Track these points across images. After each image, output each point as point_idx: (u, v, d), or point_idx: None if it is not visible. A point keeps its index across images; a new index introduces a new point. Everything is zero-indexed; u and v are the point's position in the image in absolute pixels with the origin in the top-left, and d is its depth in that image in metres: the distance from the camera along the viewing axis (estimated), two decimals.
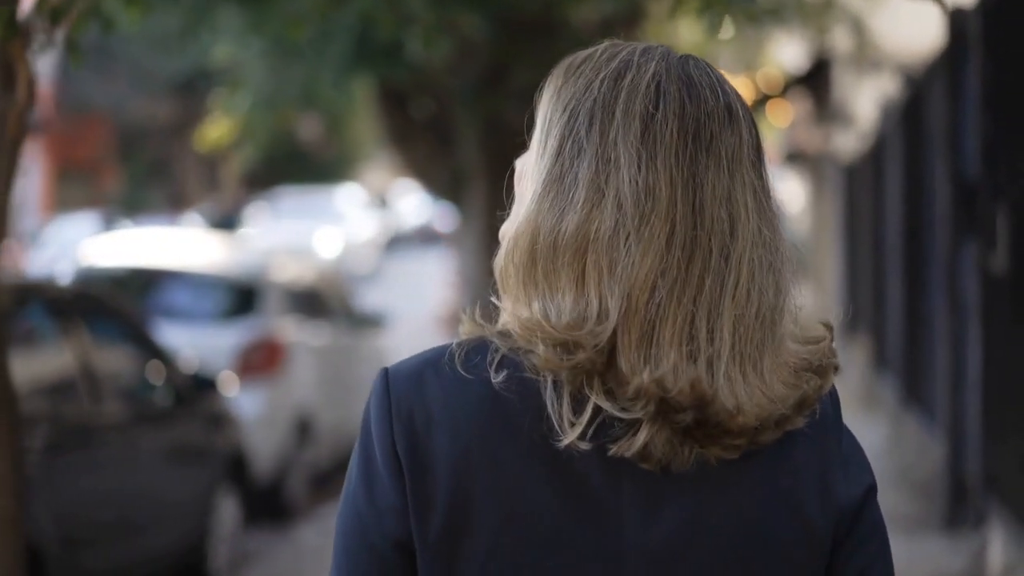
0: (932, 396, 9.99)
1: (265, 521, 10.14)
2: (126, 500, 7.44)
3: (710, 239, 1.56)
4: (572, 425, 1.54)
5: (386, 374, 1.63)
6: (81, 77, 33.07)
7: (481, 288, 12.33)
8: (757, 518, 1.59)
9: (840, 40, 18.16)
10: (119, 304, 8.44)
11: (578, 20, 12.12)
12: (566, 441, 1.54)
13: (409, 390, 1.60)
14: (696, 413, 1.54)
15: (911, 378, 11.34)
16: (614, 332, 1.54)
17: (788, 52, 23.33)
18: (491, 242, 12.57)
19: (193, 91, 32.21)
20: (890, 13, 16.59)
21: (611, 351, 1.54)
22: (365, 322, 13.28)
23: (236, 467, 8.95)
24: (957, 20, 8.62)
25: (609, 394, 1.55)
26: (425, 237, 43.44)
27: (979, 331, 7.98)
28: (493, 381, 1.57)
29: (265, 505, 10.17)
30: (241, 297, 10.90)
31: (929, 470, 9.75)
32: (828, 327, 1.64)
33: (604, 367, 1.54)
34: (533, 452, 1.57)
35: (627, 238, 1.54)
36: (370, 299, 22.81)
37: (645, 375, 1.53)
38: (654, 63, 1.61)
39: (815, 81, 20.26)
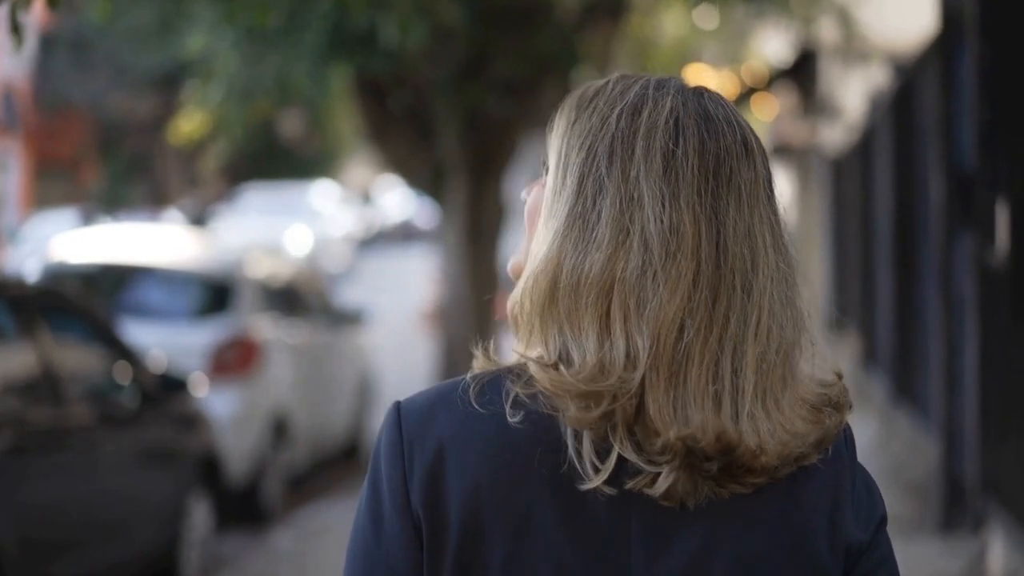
0: (925, 394, 9.85)
1: (240, 525, 9.97)
2: (92, 504, 7.27)
3: (734, 276, 1.56)
4: (597, 471, 1.55)
5: (398, 409, 1.63)
6: (59, 73, 32.87)
7: (463, 285, 12.10)
8: (765, 552, 1.59)
9: (826, 31, 18.04)
10: (85, 302, 8.25)
11: (560, 9, 11.90)
12: (590, 485, 1.55)
13: (420, 425, 1.60)
14: (721, 461, 1.53)
15: (902, 375, 11.22)
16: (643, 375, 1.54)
17: (773, 45, 23.21)
18: (473, 238, 12.36)
19: (173, 86, 31.94)
20: (876, 3, 16.48)
21: (640, 394, 1.54)
22: (344, 319, 13.06)
23: (209, 469, 8.79)
24: (951, 4, 8.42)
25: (635, 444, 1.54)
26: (406, 234, 43.31)
27: (976, 327, 7.80)
28: (507, 416, 1.57)
29: (240, 508, 10.01)
30: (215, 294, 10.67)
31: (922, 470, 9.58)
32: (839, 375, 1.65)
33: (633, 416, 1.54)
34: (544, 487, 1.57)
35: (654, 277, 1.55)
36: (346, 297, 22.59)
37: (672, 432, 1.52)
38: (670, 97, 1.61)
39: (801, 73, 20.18)
